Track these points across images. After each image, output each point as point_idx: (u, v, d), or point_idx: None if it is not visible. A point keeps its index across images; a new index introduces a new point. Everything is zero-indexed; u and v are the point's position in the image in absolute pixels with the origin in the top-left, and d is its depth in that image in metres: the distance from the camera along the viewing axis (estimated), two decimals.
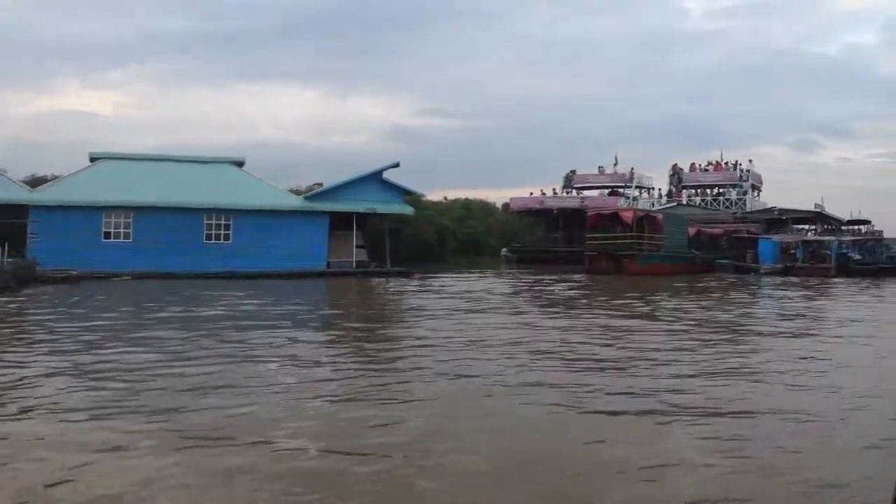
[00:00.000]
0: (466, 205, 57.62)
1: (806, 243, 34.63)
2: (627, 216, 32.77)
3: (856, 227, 47.14)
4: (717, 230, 37.39)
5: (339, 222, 28.70)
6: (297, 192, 32.58)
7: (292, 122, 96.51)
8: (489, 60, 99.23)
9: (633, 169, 51.50)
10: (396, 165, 29.54)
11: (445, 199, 59.12)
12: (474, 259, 49.89)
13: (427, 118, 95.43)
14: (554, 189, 48.90)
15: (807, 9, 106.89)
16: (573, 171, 51.79)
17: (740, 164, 49.33)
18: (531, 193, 47.66)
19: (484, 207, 54.30)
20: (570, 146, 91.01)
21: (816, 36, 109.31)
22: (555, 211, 45.16)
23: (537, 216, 47.33)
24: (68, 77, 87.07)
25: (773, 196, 49.97)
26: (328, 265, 28.15)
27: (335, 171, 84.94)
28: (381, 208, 29.01)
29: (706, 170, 49.34)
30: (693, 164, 49.64)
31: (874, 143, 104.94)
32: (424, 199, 42.69)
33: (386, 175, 29.47)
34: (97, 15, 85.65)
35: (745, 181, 48.02)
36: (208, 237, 27.03)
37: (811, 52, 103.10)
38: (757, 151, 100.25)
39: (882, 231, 50.03)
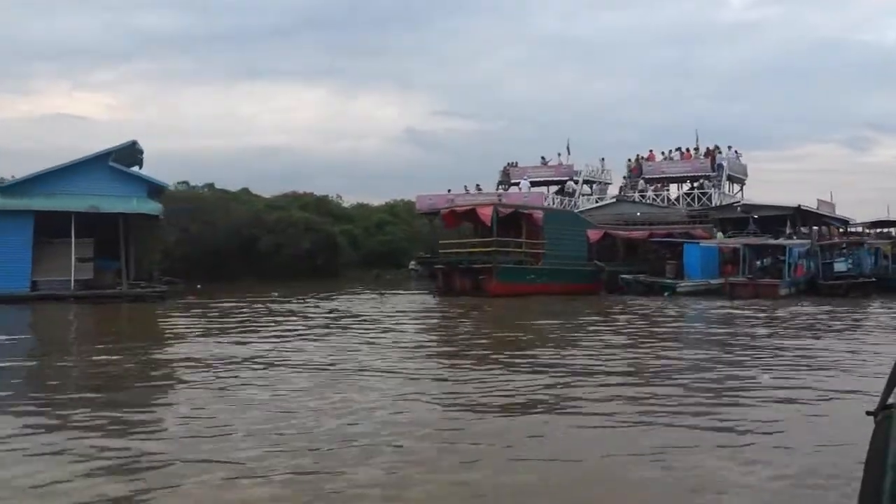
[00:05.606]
0: (389, 208, 48.92)
1: (754, 249, 24.61)
2: (485, 213, 23.70)
3: (883, 231, 36.19)
4: (640, 233, 27.62)
5: (79, 227, 20.80)
6: None
7: (299, 125, 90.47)
8: (506, 58, 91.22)
9: (603, 160, 42.16)
10: (133, 144, 21.36)
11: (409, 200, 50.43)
12: (381, 272, 41.16)
13: (442, 120, 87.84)
14: (478, 185, 39.61)
15: None
16: (512, 164, 42.41)
17: (719, 151, 38.87)
18: (449, 190, 38.46)
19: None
20: (595, 148, 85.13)
21: (864, 23, 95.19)
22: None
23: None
24: (56, 79, 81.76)
25: (809, 199, 36.72)
26: (34, 286, 20.29)
27: (347, 173, 78.60)
28: (110, 206, 20.77)
29: (671, 158, 38.87)
30: (652, 153, 39.28)
31: None
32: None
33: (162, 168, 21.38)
34: (84, 13, 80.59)
35: (723, 161, 37.34)
36: None
37: (859, 41, 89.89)
38: (801, 151, 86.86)
39: None
